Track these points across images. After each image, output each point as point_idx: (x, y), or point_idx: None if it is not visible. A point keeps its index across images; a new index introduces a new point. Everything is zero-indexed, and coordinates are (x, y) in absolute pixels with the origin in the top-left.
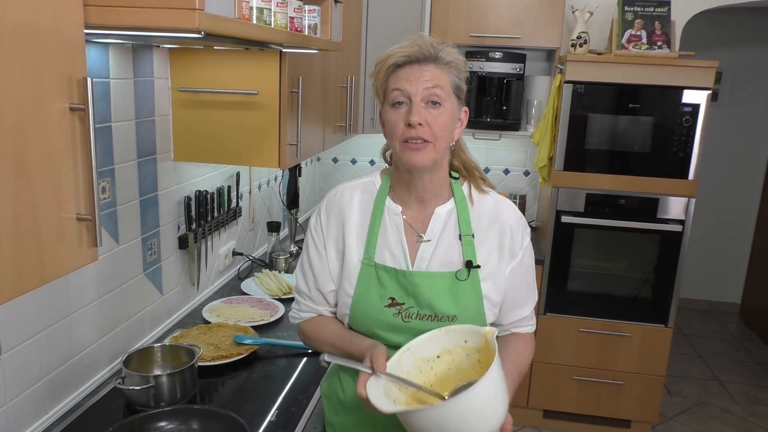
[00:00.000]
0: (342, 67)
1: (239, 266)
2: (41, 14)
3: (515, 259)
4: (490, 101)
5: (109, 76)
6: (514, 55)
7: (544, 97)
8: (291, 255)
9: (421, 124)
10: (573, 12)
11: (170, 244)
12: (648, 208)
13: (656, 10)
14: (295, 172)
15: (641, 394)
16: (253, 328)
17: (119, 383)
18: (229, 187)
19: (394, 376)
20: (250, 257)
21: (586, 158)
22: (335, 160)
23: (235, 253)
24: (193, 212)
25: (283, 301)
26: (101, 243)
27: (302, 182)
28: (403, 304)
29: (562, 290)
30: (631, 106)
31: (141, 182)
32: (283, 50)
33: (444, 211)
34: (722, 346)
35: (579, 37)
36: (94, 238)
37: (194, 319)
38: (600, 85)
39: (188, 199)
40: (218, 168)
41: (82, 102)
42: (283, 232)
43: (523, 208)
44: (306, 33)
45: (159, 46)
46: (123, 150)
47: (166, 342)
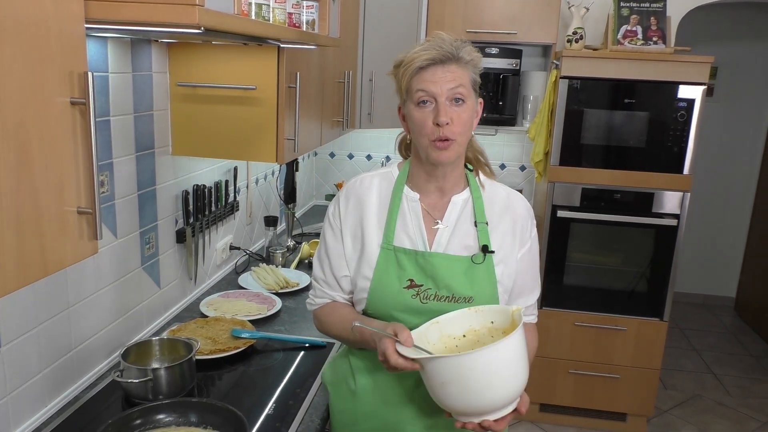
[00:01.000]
0: (339, 62)
1: (236, 260)
2: (43, 8)
3: (524, 247)
4: (486, 97)
5: (108, 70)
6: (511, 51)
7: (540, 92)
8: (288, 249)
9: (448, 123)
10: (569, 8)
11: (168, 238)
12: (643, 203)
13: (652, 5)
14: (292, 167)
15: (637, 388)
16: (250, 322)
17: (118, 376)
18: (226, 182)
19: (420, 348)
20: (248, 251)
21: (582, 153)
22: (332, 154)
23: (232, 248)
24: (191, 206)
25: (280, 295)
26: (101, 236)
27: (299, 177)
28: (422, 285)
29: (558, 284)
30: (626, 101)
31: (139, 176)
32: (281, 46)
33: (460, 200)
34: (717, 340)
35: (575, 33)
36: (95, 231)
37: (192, 312)
38: (596, 81)
39: (186, 193)
40: (216, 162)
41: (83, 96)
42: (280, 226)
43: None
44: (304, 29)
45: (158, 41)
46: (121, 144)
47: (164, 335)
